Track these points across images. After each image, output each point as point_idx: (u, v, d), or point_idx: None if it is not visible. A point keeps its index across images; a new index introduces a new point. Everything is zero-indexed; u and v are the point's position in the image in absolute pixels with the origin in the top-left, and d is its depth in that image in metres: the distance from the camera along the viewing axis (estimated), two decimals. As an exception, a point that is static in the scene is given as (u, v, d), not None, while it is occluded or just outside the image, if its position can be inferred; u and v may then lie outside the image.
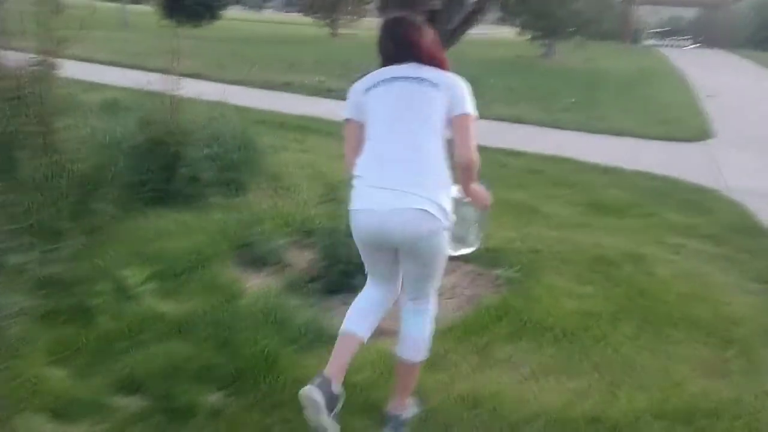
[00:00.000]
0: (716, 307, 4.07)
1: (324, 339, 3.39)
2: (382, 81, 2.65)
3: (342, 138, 2.76)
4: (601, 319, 3.75)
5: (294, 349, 3.22)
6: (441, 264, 2.66)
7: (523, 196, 6.50)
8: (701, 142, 10.10)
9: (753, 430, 2.86)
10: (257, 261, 4.38)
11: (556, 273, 4.45)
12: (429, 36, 2.69)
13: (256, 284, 4.04)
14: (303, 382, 2.89)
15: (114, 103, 8.29)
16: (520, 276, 4.36)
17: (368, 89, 2.66)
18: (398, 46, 2.66)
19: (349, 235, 4.08)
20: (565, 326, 3.60)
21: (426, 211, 2.46)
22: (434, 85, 2.59)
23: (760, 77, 21.66)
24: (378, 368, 3.11)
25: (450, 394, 2.99)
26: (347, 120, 2.73)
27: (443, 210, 2.51)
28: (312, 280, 4.15)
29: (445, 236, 2.58)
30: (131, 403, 2.80)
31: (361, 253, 2.75)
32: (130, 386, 2.89)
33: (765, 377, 3.31)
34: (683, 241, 5.46)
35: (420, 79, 2.60)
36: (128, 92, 8.34)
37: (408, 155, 2.55)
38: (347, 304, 4.01)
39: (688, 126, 11.27)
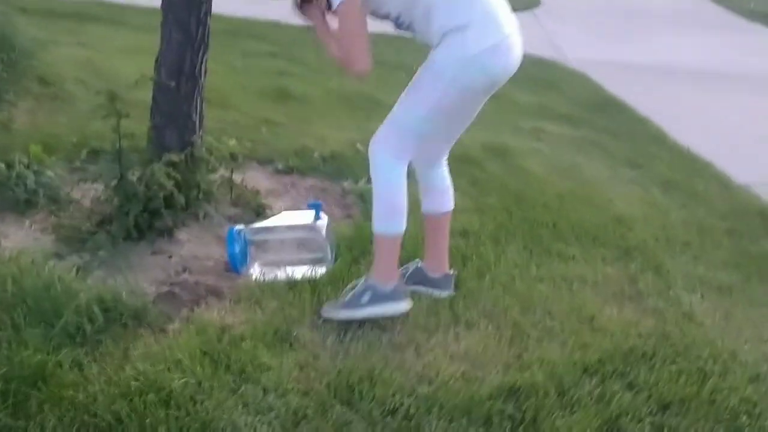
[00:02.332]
0: (601, 208, 3.49)
1: (125, 318, 2.35)
2: None
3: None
4: (480, 242, 3.01)
5: (68, 352, 2.14)
6: None
7: (355, 85, 5.57)
8: (529, 11, 9.60)
9: (702, 376, 2.26)
10: (18, 205, 3.16)
11: (415, 181, 3.63)
12: None
13: (13, 243, 2.86)
14: (74, 416, 1.89)
15: None
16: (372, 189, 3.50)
17: None
18: None
19: (150, 160, 3.02)
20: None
21: None
22: None
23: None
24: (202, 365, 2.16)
25: (311, 384, 2.12)
26: None
27: None
28: (101, 224, 3.04)
29: None
30: None
31: (452, 109, 2.37)
32: None
33: (680, 295, 2.75)
34: (541, 125, 4.87)
35: None
36: None
37: None
38: (159, 253, 3.00)
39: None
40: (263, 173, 3.71)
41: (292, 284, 2.62)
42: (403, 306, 2.43)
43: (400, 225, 2.44)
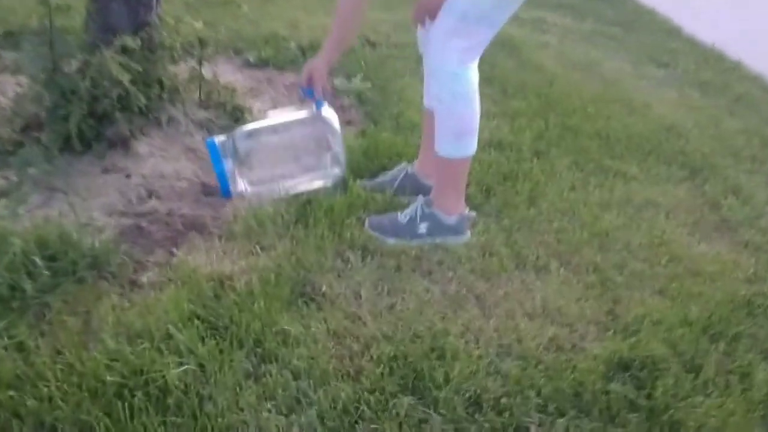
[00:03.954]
0: (644, 115, 2.94)
1: (80, 269, 1.68)
2: None
3: None
4: (521, 157, 2.42)
5: (3, 327, 1.49)
6: None
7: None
8: None
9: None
10: None
11: (418, 77, 2.98)
12: None
13: None
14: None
15: None
16: (372, 89, 2.85)
17: None
18: None
19: (93, 45, 2.24)
20: (479, 176, 2.23)
21: None
22: None
23: None
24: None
25: (357, 361, 1.54)
26: None
27: None
28: (26, 130, 2.29)
29: None
30: None
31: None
32: None
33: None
34: (542, 15, 4.23)
35: None
36: None
37: None
38: (112, 171, 2.22)
39: None
40: (232, 67, 2.97)
41: (300, 216, 1.98)
42: (465, 238, 1.98)
43: (471, 146, 1.90)
